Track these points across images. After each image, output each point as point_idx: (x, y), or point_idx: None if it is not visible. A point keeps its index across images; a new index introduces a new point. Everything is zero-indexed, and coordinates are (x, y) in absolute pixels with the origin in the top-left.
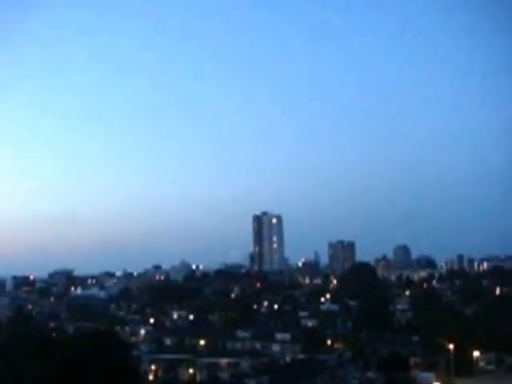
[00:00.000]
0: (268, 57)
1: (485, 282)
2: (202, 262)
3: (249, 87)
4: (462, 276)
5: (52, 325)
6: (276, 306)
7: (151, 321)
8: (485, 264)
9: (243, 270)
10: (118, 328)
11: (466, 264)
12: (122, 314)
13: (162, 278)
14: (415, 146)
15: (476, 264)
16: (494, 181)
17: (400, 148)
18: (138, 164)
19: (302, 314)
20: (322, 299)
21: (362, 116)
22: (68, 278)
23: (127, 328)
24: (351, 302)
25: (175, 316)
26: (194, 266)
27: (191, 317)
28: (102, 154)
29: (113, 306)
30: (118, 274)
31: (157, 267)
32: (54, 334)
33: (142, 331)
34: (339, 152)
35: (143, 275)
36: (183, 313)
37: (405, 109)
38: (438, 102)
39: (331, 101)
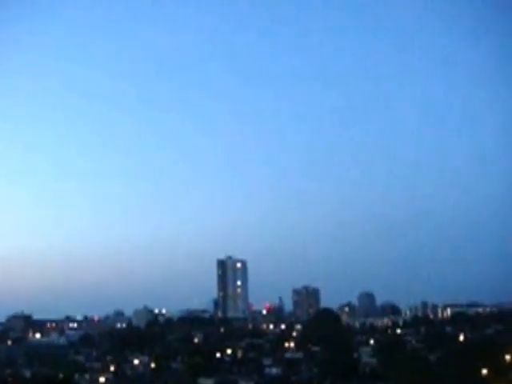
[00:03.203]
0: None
1: (449, 329)
2: (165, 308)
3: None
4: (425, 322)
5: (8, 370)
6: (240, 353)
7: (112, 368)
8: (448, 310)
9: (207, 316)
10: (77, 375)
11: (429, 310)
12: (81, 360)
13: (124, 323)
14: (377, 189)
15: (440, 310)
16: (455, 230)
17: (363, 191)
18: (104, 206)
19: (266, 361)
20: (286, 346)
21: (329, 163)
22: (26, 322)
23: (87, 376)
24: (315, 349)
25: (136, 363)
26: (156, 312)
27: (153, 364)
28: (74, 190)
29: (72, 352)
30: (79, 318)
31: (119, 312)
32: (10, 380)
33: (102, 379)
34: (303, 197)
35: (104, 320)
36: (145, 359)
37: (367, 154)
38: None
39: (296, 148)
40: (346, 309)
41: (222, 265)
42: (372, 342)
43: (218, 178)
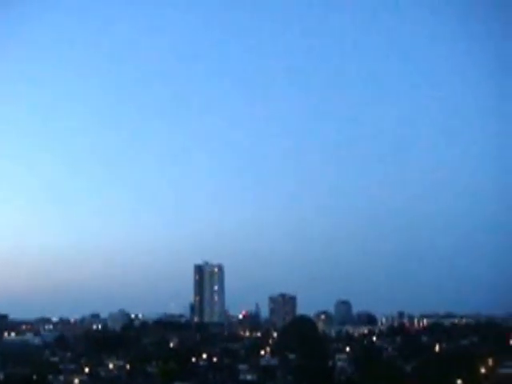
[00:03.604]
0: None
1: (424, 339)
2: (142, 311)
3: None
4: (401, 332)
5: None
6: (215, 359)
7: (86, 370)
8: (425, 320)
9: (183, 320)
10: (51, 377)
11: (406, 320)
12: (56, 361)
13: (100, 325)
14: (354, 200)
15: (416, 320)
16: (432, 240)
17: (340, 199)
18: (84, 207)
19: (242, 367)
20: (262, 352)
21: (308, 168)
22: (2, 321)
23: (61, 377)
24: (291, 356)
25: (111, 366)
26: (132, 315)
27: (128, 367)
28: (45, 193)
29: (47, 353)
30: (55, 320)
31: (94, 315)
32: None
33: (76, 381)
34: (281, 204)
35: (80, 322)
36: (120, 362)
37: (341, 157)
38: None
39: (276, 155)
40: (323, 316)
41: (199, 270)
42: (348, 350)
43: (197, 183)
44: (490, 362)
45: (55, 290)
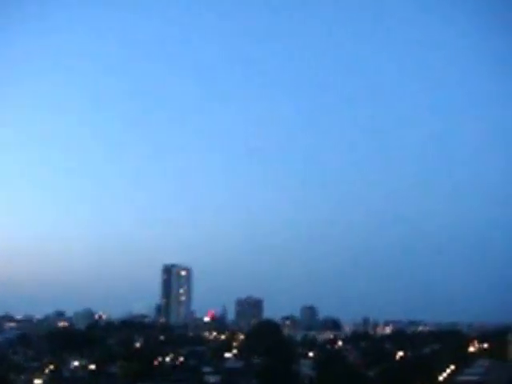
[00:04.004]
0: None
1: (388, 346)
2: (107, 310)
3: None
4: (366, 338)
5: None
6: (180, 360)
7: (49, 369)
8: (388, 327)
9: (149, 321)
10: (12, 375)
11: (370, 327)
12: (18, 360)
13: (64, 324)
14: (322, 209)
15: (380, 327)
16: (397, 249)
17: (307, 206)
18: (51, 202)
19: (206, 369)
20: (227, 355)
21: (280, 175)
22: None
23: (23, 376)
24: (256, 360)
25: (75, 365)
26: (98, 314)
27: (92, 367)
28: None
29: (9, 352)
30: (18, 317)
31: (59, 313)
32: None
33: (38, 380)
34: (251, 208)
35: (44, 320)
36: (84, 362)
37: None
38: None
39: (246, 159)
40: (288, 321)
41: (166, 271)
42: (312, 355)
43: (167, 184)
44: (451, 369)
45: (19, 287)
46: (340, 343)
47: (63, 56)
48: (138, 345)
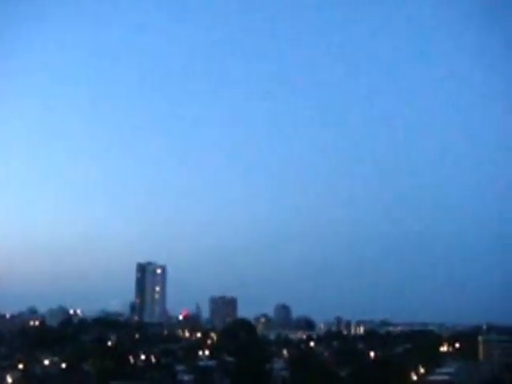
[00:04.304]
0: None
1: (360, 345)
2: (81, 308)
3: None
4: (338, 338)
5: None
6: (153, 359)
7: (20, 366)
8: (361, 327)
9: (123, 319)
10: None
11: (343, 326)
12: None
13: (37, 321)
14: (295, 206)
15: (353, 327)
16: (371, 248)
17: (282, 207)
18: (23, 199)
19: (180, 367)
20: (201, 354)
21: (255, 175)
22: None
23: None
24: (229, 358)
25: (47, 363)
26: (71, 312)
27: (64, 364)
28: None
29: None
30: None
31: (32, 310)
32: None
33: (9, 378)
34: (226, 208)
35: (17, 317)
36: (56, 359)
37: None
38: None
39: (222, 156)
40: (262, 320)
41: (141, 269)
42: (286, 354)
43: (142, 182)
44: (422, 369)
45: None
46: (313, 343)
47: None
48: (111, 343)
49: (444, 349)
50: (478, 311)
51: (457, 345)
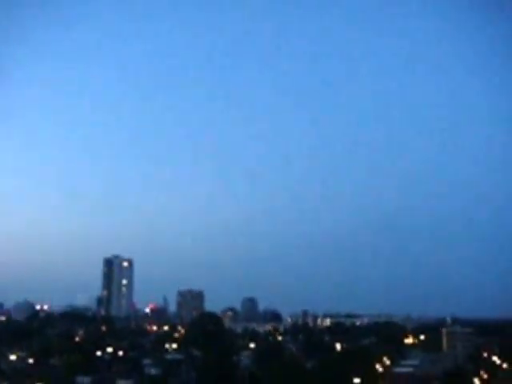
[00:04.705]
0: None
1: (327, 338)
2: (47, 302)
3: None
4: (305, 331)
5: None
6: (121, 352)
7: None
8: (327, 320)
9: (90, 313)
10: None
11: (310, 319)
12: None
13: (3, 316)
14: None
15: (319, 320)
16: (336, 243)
17: (250, 202)
18: None
19: (147, 361)
20: (168, 347)
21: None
22: None
23: None
24: (197, 352)
25: (13, 358)
26: (38, 306)
27: (31, 359)
28: None
29: None
30: None
31: None
32: None
33: None
34: (193, 202)
35: None
36: (23, 354)
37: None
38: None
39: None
40: (230, 313)
41: (108, 263)
42: (253, 346)
43: (112, 175)
44: (387, 361)
45: None
46: (280, 336)
47: None
48: (78, 337)
49: (409, 341)
50: (443, 304)
51: (422, 337)
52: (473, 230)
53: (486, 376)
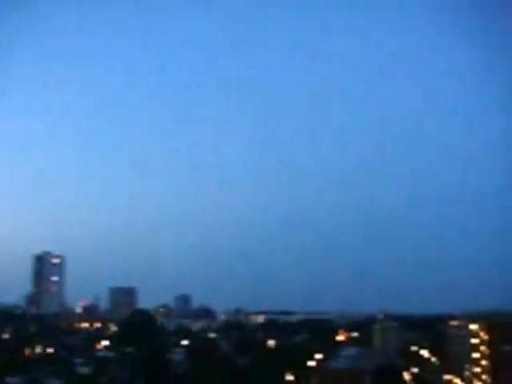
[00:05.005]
0: None
1: (260, 335)
2: None
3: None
4: (238, 328)
5: None
6: (51, 351)
7: None
8: (261, 317)
9: (18, 312)
10: None
11: (243, 316)
12: None
13: None
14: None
15: (253, 317)
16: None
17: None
18: None
19: (78, 360)
20: (99, 345)
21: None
22: None
23: None
24: (129, 349)
25: None
26: None
27: None
28: None
29: None
30: None
31: None
32: None
33: None
34: (130, 197)
35: None
36: None
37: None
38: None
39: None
40: (162, 310)
41: (38, 260)
42: (186, 343)
43: (39, 172)
44: (319, 357)
45: None
46: (213, 334)
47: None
48: (6, 336)
49: (342, 337)
50: (378, 301)
51: (354, 333)
52: (409, 228)
53: (415, 370)
